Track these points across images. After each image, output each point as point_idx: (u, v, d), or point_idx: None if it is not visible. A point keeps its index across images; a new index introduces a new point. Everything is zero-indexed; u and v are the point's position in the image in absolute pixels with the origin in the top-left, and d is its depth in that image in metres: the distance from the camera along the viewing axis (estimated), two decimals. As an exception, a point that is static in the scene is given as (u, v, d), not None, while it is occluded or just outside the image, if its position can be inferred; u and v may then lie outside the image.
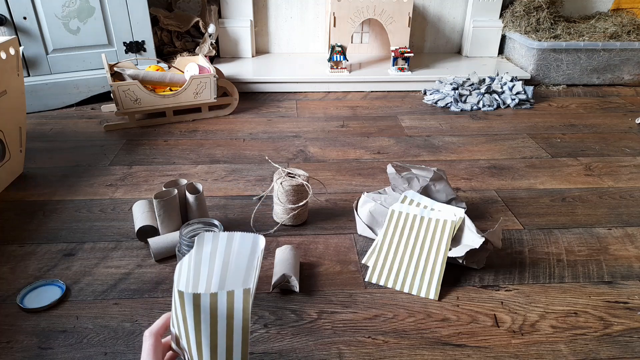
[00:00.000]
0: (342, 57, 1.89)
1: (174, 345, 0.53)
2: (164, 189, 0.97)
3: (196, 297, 0.46)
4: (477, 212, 1.11)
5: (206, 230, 0.81)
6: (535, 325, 0.79)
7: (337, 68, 1.92)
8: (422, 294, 0.85)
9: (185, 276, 0.52)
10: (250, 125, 1.59)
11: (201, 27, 1.92)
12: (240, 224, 1.05)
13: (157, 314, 0.80)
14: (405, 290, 0.86)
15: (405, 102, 1.82)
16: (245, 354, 0.50)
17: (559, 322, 0.80)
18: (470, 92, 1.79)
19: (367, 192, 1.05)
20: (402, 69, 1.93)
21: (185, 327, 0.49)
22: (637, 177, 1.28)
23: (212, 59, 2.01)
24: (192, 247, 0.77)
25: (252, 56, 2.13)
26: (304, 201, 1.01)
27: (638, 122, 1.65)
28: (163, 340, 0.53)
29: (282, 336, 0.76)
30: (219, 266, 0.54)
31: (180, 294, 0.46)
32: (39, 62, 1.64)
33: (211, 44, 1.92)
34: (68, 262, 0.92)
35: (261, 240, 0.53)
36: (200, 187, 1.00)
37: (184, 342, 0.51)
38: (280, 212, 1.03)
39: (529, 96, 1.81)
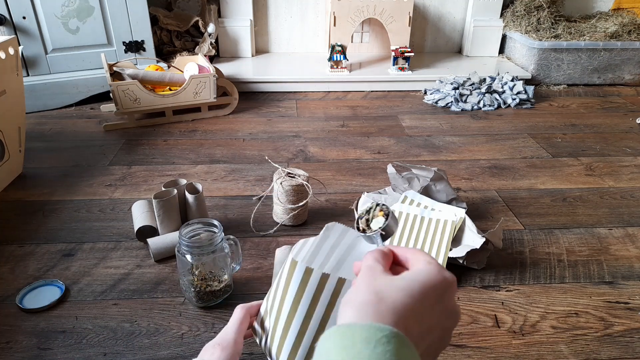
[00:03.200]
0: (342, 56, 1.89)
1: (256, 325, 0.52)
2: (163, 189, 0.97)
3: (308, 271, 0.44)
4: (478, 212, 1.10)
5: (206, 231, 0.80)
6: (536, 325, 0.79)
7: (337, 68, 1.91)
8: (423, 295, 0.85)
9: (302, 254, 0.49)
10: (250, 125, 1.58)
11: (201, 26, 1.92)
12: (240, 224, 1.04)
13: (157, 314, 0.80)
14: (406, 290, 0.86)
15: (405, 102, 1.82)
16: None
17: (559, 323, 0.80)
18: (470, 91, 1.79)
19: (367, 192, 1.04)
20: (402, 69, 1.93)
21: (282, 303, 0.46)
22: (638, 177, 1.28)
23: (211, 59, 2.01)
24: (191, 247, 0.76)
25: (252, 56, 2.13)
26: (304, 201, 1.00)
27: (639, 122, 1.64)
28: (251, 318, 0.53)
29: (282, 337, 0.76)
30: (334, 261, 0.50)
31: (294, 263, 0.44)
32: (39, 61, 1.63)
33: (211, 43, 1.92)
34: (67, 263, 0.92)
35: (386, 248, 0.47)
36: (199, 187, 1.00)
37: (271, 321, 0.48)
38: (280, 212, 1.03)
39: (530, 96, 1.80)
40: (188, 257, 0.77)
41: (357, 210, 1.03)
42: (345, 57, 1.89)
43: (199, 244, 0.77)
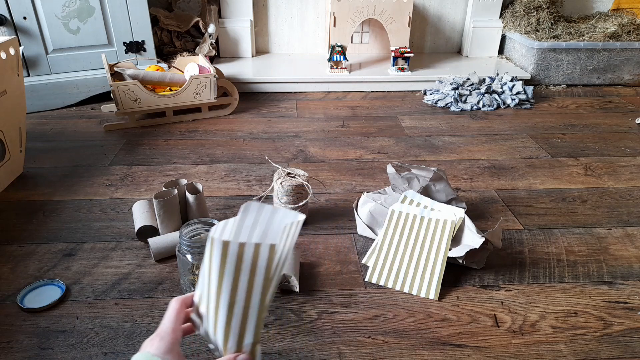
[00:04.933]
0: (342, 57, 1.89)
1: (193, 316, 0.54)
2: (164, 189, 0.97)
3: (225, 245, 0.46)
4: (477, 212, 1.11)
5: (206, 231, 0.81)
6: (535, 325, 0.79)
7: (337, 68, 1.92)
8: (422, 294, 0.85)
9: (226, 236, 0.51)
10: (250, 125, 1.59)
11: (201, 27, 1.92)
12: (240, 224, 1.04)
13: (157, 313, 0.80)
14: (405, 290, 0.86)
15: (405, 102, 1.82)
16: (260, 318, 0.49)
17: (559, 322, 0.80)
18: (470, 92, 1.79)
19: (367, 192, 1.05)
20: (402, 69, 1.93)
21: (209, 282, 0.48)
22: (637, 177, 1.28)
23: (212, 59, 2.01)
24: (192, 247, 0.77)
25: (252, 56, 2.13)
26: (304, 201, 1.01)
27: (638, 122, 1.65)
28: (187, 309, 0.55)
29: (282, 336, 0.76)
30: (257, 237, 0.52)
31: (212, 240, 0.46)
32: (39, 62, 1.64)
33: (211, 43, 1.92)
34: (68, 262, 0.92)
35: (300, 216, 0.52)
36: (200, 187, 1.00)
37: (204, 305, 0.50)
38: (280, 212, 1.03)
39: (529, 96, 1.81)
40: (188, 256, 0.77)
41: (357, 210, 1.03)
42: (345, 58, 1.89)
43: (200, 243, 0.77)
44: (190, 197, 0.98)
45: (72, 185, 1.20)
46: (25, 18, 1.55)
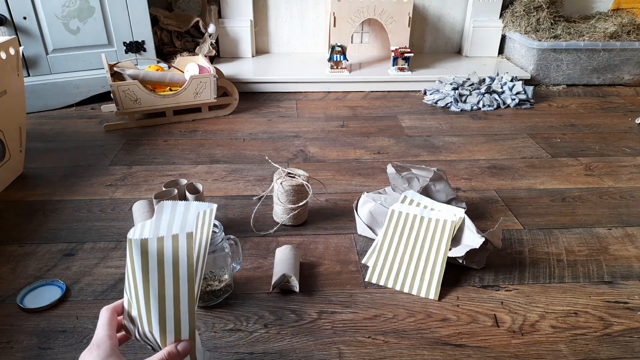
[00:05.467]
0: (342, 57, 1.89)
1: (125, 322, 0.55)
2: (164, 189, 0.97)
3: (144, 244, 0.47)
4: (477, 212, 1.11)
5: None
6: (536, 325, 0.79)
7: (337, 68, 1.92)
8: (422, 294, 0.85)
9: (145, 236, 0.53)
10: (250, 125, 1.59)
11: (201, 27, 1.92)
12: (240, 223, 1.04)
13: (157, 314, 0.80)
14: (405, 290, 0.86)
15: (405, 102, 1.82)
16: (192, 305, 0.51)
17: (559, 322, 0.80)
18: (470, 92, 1.79)
19: (367, 192, 1.05)
20: (402, 69, 1.93)
21: (135, 282, 0.49)
22: (637, 177, 1.28)
23: (212, 59, 2.01)
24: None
25: (252, 56, 2.13)
26: (304, 201, 1.01)
27: (638, 122, 1.65)
28: (118, 317, 0.56)
29: (282, 336, 0.76)
30: (175, 231, 0.54)
31: (129, 241, 0.47)
32: (39, 62, 1.64)
33: (211, 43, 1.92)
34: (68, 262, 0.92)
35: (213, 205, 0.55)
36: (200, 187, 1.00)
37: (135, 308, 0.52)
38: (280, 212, 1.03)
39: (529, 96, 1.81)
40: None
41: (357, 210, 1.03)
42: (345, 58, 1.89)
43: (200, 243, 0.77)
44: (190, 197, 0.98)
45: (72, 185, 1.20)
46: (25, 18, 1.55)
